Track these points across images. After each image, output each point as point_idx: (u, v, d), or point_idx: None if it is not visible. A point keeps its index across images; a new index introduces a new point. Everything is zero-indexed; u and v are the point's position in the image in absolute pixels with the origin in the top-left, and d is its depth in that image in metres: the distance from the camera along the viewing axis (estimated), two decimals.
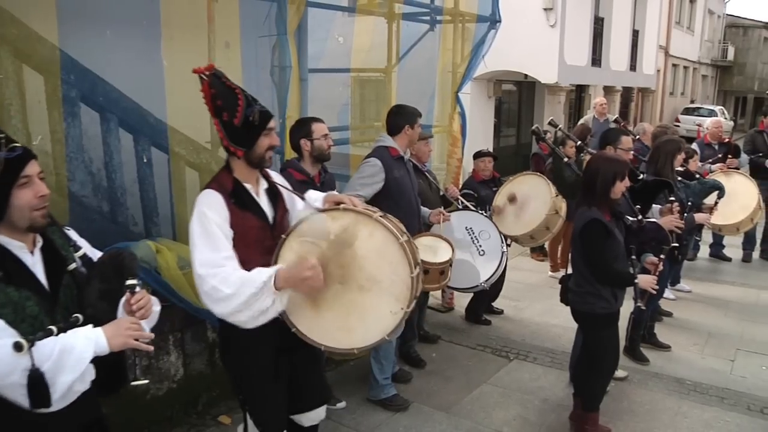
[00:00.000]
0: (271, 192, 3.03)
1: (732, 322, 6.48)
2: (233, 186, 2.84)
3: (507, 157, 16.48)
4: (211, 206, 2.75)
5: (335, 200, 3.00)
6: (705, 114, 28.07)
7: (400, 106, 4.67)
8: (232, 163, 2.89)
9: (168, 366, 4.38)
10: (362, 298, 2.88)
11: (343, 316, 2.91)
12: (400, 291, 2.86)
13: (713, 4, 38.09)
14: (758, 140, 8.53)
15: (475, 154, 6.24)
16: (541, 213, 5.69)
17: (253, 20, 4.99)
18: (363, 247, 2.87)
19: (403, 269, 2.86)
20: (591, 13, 17.46)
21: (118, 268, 2.23)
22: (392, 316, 2.87)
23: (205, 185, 2.91)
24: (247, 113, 2.74)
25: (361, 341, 2.92)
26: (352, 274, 2.87)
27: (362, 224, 2.89)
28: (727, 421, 4.53)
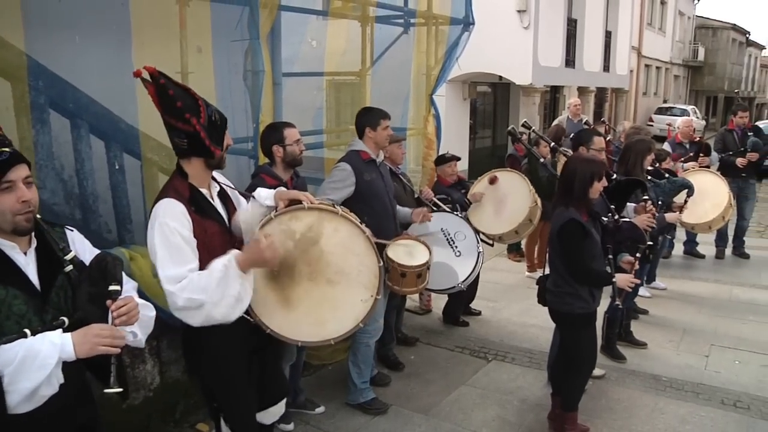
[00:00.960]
0: (222, 194, 3.01)
1: (706, 318, 6.56)
2: (190, 192, 2.79)
3: (483, 158, 16.58)
4: (174, 217, 2.69)
5: (288, 197, 3.00)
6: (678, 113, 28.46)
7: (364, 109, 4.67)
8: (186, 167, 2.83)
9: (144, 374, 4.33)
10: (332, 292, 2.97)
11: (315, 311, 2.98)
12: (368, 280, 2.98)
13: (683, 6, 38.62)
14: (728, 139, 8.65)
15: (439, 159, 6.19)
16: (524, 206, 5.72)
17: (225, 25, 4.95)
18: (329, 243, 2.95)
19: (370, 259, 2.98)
20: (564, 15, 17.61)
21: (103, 272, 2.22)
22: (363, 304, 3.00)
23: (161, 194, 2.82)
24: (208, 113, 2.73)
25: (336, 332, 3.02)
26: (321, 269, 2.95)
27: (327, 220, 2.97)
28: (702, 415, 4.58)
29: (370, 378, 4.77)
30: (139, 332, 2.38)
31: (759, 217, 12.14)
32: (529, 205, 5.70)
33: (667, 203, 5.71)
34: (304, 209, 2.96)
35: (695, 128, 9.84)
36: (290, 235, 2.96)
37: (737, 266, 8.65)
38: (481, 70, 14.72)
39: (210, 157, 2.81)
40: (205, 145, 2.74)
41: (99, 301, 2.20)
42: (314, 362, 5.22)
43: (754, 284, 7.78)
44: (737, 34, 44.50)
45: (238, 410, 3.07)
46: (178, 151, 2.81)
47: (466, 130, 16.81)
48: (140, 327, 2.37)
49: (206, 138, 2.73)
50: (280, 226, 2.97)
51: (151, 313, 2.48)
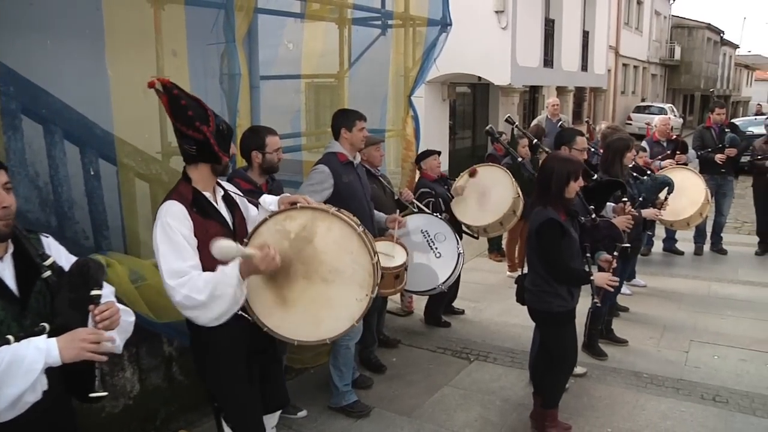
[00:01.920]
0: (227, 199, 3.12)
1: (685, 314, 6.63)
2: (193, 196, 2.90)
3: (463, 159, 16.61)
4: (175, 217, 2.80)
5: (291, 201, 3.10)
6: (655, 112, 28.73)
7: (340, 110, 4.69)
8: (191, 173, 2.95)
9: (123, 382, 4.27)
10: (327, 290, 2.99)
11: (310, 309, 3.01)
12: (362, 278, 2.99)
13: (659, 6, 39.03)
14: (706, 136, 8.75)
15: (421, 155, 6.20)
16: (508, 197, 5.74)
17: (201, 28, 4.92)
18: (323, 242, 2.99)
19: (363, 257, 2.99)
20: (541, 15, 17.72)
21: (85, 277, 2.23)
22: (358, 303, 3.00)
23: (166, 196, 2.94)
24: (217, 122, 2.85)
25: (332, 331, 3.04)
26: (315, 268, 2.99)
27: (320, 220, 3.01)
28: (682, 411, 4.62)
29: (352, 381, 4.75)
30: (118, 338, 2.38)
31: (736, 213, 12.28)
32: (513, 196, 5.73)
33: (650, 200, 5.75)
34: (298, 209, 3.02)
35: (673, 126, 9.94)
36: (285, 235, 3.01)
37: (715, 262, 8.75)
38: (460, 71, 14.77)
39: (217, 163, 2.93)
40: (214, 151, 2.86)
41: (80, 306, 2.21)
42: (296, 366, 5.20)
43: (732, 279, 7.87)
44: (712, 34, 45.03)
45: (238, 410, 3.11)
46: (187, 157, 2.94)
47: (446, 131, 16.86)
48: (119, 332, 2.37)
49: (215, 145, 2.84)
50: (275, 227, 3.03)
51: (130, 318, 2.51)
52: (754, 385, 5.00)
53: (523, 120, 17.61)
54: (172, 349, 4.56)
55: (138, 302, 3.84)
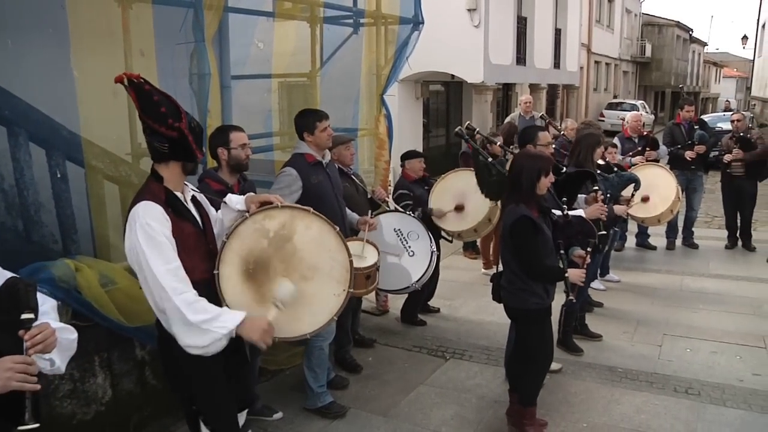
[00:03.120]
0: (194, 199, 3.08)
1: (658, 308, 6.70)
2: (166, 195, 2.85)
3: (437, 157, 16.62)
4: (154, 217, 2.74)
5: (260, 200, 3.12)
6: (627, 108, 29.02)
7: (300, 113, 4.64)
8: (161, 171, 2.89)
9: (95, 388, 4.19)
10: (306, 287, 3.07)
11: (290, 306, 3.04)
12: (340, 274, 3.11)
13: (630, 4, 39.47)
14: (676, 132, 8.86)
15: (406, 154, 6.21)
16: (484, 205, 5.76)
17: (169, 27, 4.85)
18: (302, 240, 3.08)
19: (341, 254, 3.12)
20: (514, 13, 17.80)
21: (14, 299, 2.09)
22: (336, 298, 3.11)
23: (137, 198, 2.85)
24: (189, 120, 2.80)
25: (311, 326, 3.11)
26: (294, 266, 3.06)
27: (299, 218, 3.11)
28: (656, 404, 4.67)
29: (328, 381, 4.72)
30: (58, 359, 2.25)
31: (706, 208, 12.44)
32: (490, 205, 5.73)
33: (615, 197, 5.80)
34: (278, 208, 3.08)
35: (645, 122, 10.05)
36: (264, 234, 3.07)
37: (687, 257, 8.85)
38: (433, 69, 14.79)
39: (190, 161, 2.89)
40: (190, 148, 2.82)
41: (11, 330, 2.07)
42: (271, 367, 5.15)
43: (703, 273, 7.97)
44: (681, 31, 45.69)
45: (220, 411, 3.08)
46: (157, 155, 2.86)
47: (420, 130, 16.87)
48: (59, 352, 2.24)
49: (193, 142, 2.82)
50: (254, 225, 3.07)
51: (72, 336, 2.36)
52: (725, 376, 5.07)
53: (497, 118, 17.67)
54: (145, 353, 4.48)
55: (108, 306, 3.79)
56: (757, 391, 4.82)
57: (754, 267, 8.19)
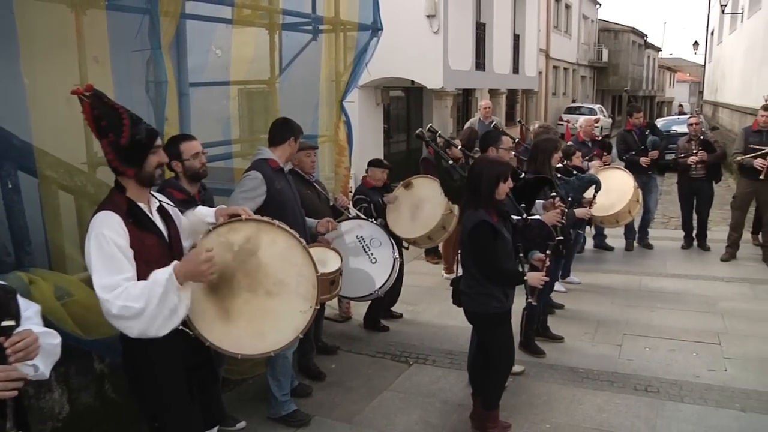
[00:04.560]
0: (161, 210, 3.05)
1: (618, 308, 6.81)
2: (128, 206, 2.83)
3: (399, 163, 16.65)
4: (110, 227, 2.72)
5: (229, 212, 3.09)
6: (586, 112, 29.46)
7: (286, 119, 4.64)
8: (123, 183, 2.88)
9: (51, 404, 4.08)
10: (271, 303, 3.01)
11: (254, 322, 3.00)
12: (306, 290, 3.03)
13: (587, 10, 40.20)
14: (629, 139, 9.04)
15: (372, 161, 6.23)
16: (437, 213, 5.80)
17: (124, 34, 4.78)
18: (267, 254, 3.01)
19: (308, 269, 3.05)
20: (472, 19, 17.95)
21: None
22: (302, 315, 3.03)
23: (98, 207, 2.85)
24: (133, 132, 2.74)
25: (276, 343, 3.05)
26: (259, 280, 3.00)
27: (264, 232, 3.04)
28: (617, 402, 4.74)
29: (291, 389, 4.69)
30: (42, 364, 2.25)
31: (663, 209, 12.72)
32: (442, 213, 5.77)
33: (577, 199, 5.88)
34: (242, 221, 3.02)
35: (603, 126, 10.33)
36: (229, 247, 3.01)
37: (645, 257, 9.02)
38: (393, 75, 14.82)
39: (123, 176, 2.85)
40: (112, 166, 2.80)
41: None
42: (233, 377, 5.09)
43: (661, 273, 8.14)
44: (636, 37, 46.68)
45: (182, 426, 3.03)
46: (113, 167, 2.86)
47: (381, 135, 16.89)
48: (43, 358, 2.24)
49: (113, 160, 2.78)
50: (218, 239, 3.01)
51: (55, 341, 2.37)
52: (682, 373, 5.18)
53: (457, 123, 17.80)
54: (104, 366, 4.39)
55: (65, 319, 3.69)
56: (712, 386, 4.94)
57: (709, 266, 8.38)
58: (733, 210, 8.68)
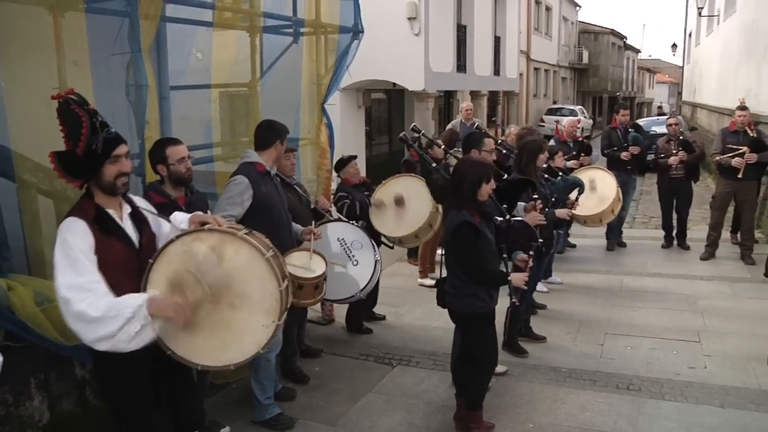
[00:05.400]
0: (135, 216, 3.04)
1: (600, 308, 6.86)
2: (95, 212, 2.84)
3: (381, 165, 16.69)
4: (74, 233, 2.74)
5: (200, 221, 3.06)
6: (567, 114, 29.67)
7: (271, 121, 4.63)
8: (92, 189, 2.89)
9: (30, 412, 4.04)
10: (234, 315, 2.95)
11: (216, 334, 2.95)
12: (270, 305, 2.97)
13: (567, 12, 40.49)
14: (613, 136, 9.15)
15: (338, 164, 6.18)
16: (425, 210, 5.81)
17: (104, 37, 4.74)
18: (230, 266, 2.95)
19: (271, 283, 2.96)
20: (453, 22, 18.00)
21: None
22: (265, 330, 2.98)
23: (67, 213, 2.87)
24: (90, 142, 2.73)
25: (236, 357, 3.00)
26: (222, 292, 2.94)
27: (228, 243, 2.97)
28: (599, 401, 4.78)
29: (275, 393, 4.67)
30: None
31: (644, 209, 12.85)
32: (430, 210, 5.79)
33: (561, 200, 5.92)
34: (206, 231, 2.99)
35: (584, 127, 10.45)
36: (193, 257, 2.97)
37: (626, 256, 9.11)
38: (375, 78, 14.84)
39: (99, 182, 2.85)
40: (59, 176, 2.82)
41: None
42: (217, 381, 5.07)
43: (642, 272, 8.23)
44: (616, 39, 47.10)
45: None
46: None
47: (363, 138, 16.90)
48: None
49: (58, 169, 2.79)
50: (183, 248, 2.98)
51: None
52: (663, 371, 5.24)
53: (438, 125, 17.83)
54: (85, 372, 4.35)
55: (45, 325, 3.67)
56: (692, 383, 5.00)
57: (689, 265, 8.48)
58: (713, 210, 8.78)
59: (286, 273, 3.13)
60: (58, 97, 2.74)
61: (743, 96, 10.03)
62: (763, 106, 11.44)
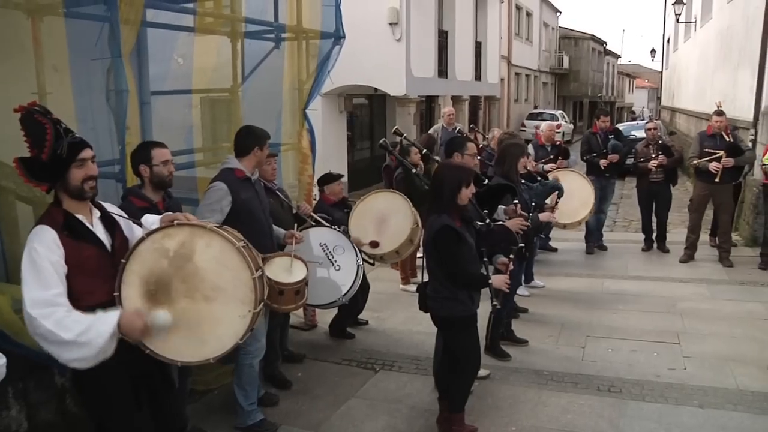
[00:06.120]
0: (106, 220, 3.02)
1: (581, 311, 6.91)
2: (64, 218, 2.82)
3: (362, 170, 16.71)
4: (42, 242, 2.72)
5: (171, 219, 3.07)
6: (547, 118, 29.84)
7: (250, 127, 4.61)
8: (60, 196, 2.87)
9: (8, 422, 3.98)
10: (210, 308, 2.97)
11: (194, 329, 2.96)
12: (244, 294, 3.00)
13: (547, 18, 40.84)
14: (593, 141, 9.23)
15: (323, 179, 6.12)
16: (406, 227, 5.76)
17: (84, 42, 4.72)
18: (203, 259, 2.98)
19: (244, 273, 3.00)
20: (435, 27, 18.08)
21: None
22: (241, 320, 3.00)
23: (37, 221, 2.86)
24: (55, 147, 2.74)
25: (216, 350, 3.01)
26: (196, 286, 2.96)
27: (198, 236, 3.01)
28: (581, 403, 4.81)
29: (258, 399, 4.65)
30: None
31: (624, 213, 12.99)
32: (411, 226, 5.74)
33: (540, 205, 5.95)
34: (175, 226, 3.00)
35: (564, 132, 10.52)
36: (164, 253, 2.98)
37: (606, 260, 9.20)
38: (356, 83, 14.86)
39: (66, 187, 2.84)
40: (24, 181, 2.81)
41: None
42: (200, 387, 5.04)
43: (622, 275, 8.31)
44: (596, 44, 47.58)
45: None
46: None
47: (344, 143, 16.91)
48: None
49: (23, 175, 2.79)
50: (153, 245, 2.98)
51: (0, 361, 2.37)
52: (643, 373, 5.29)
53: (420, 130, 17.89)
54: (65, 380, 4.30)
55: (23, 333, 3.60)
56: (672, 384, 5.06)
57: (669, 267, 8.58)
58: (691, 212, 8.89)
59: (260, 263, 3.15)
60: (21, 109, 2.74)
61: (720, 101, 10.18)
62: (739, 111, 11.62)
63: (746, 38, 12.05)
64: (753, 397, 4.81)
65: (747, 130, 10.68)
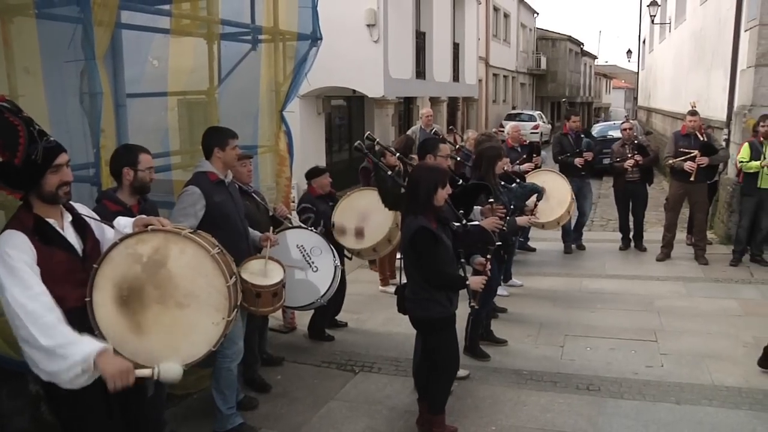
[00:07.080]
0: (77, 224, 2.97)
1: (560, 310, 6.96)
2: (34, 222, 2.75)
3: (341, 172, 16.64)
4: (14, 246, 2.65)
5: (144, 223, 3.02)
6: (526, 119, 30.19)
7: (210, 129, 4.58)
8: (30, 200, 2.80)
9: None
10: (183, 315, 2.94)
11: (167, 335, 2.93)
12: (218, 302, 2.97)
13: (525, 19, 41.06)
14: (565, 142, 9.30)
15: (310, 173, 6.16)
16: (385, 226, 5.78)
17: (56, 44, 4.65)
18: (176, 265, 2.94)
19: (218, 280, 2.98)
20: (412, 28, 18.12)
21: None
22: (215, 327, 2.97)
23: (6, 226, 2.77)
24: (29, 152, 2.65)
25: (189, 357, 2.97)
26: (170, 292, 2.93)
27: (172, 242, 2.97)
28: (560, 402, 4.85)
29: (237, 402, 4.61)
30: None
31: (601, 212, 13.08)
32: (390, 226, 5.76)
33: (519, 207, 5.97)
34: (149, 232, 2.96)
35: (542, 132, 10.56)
36: (137, 259, 2.94)
37: (584, 259, 9.28)
38: (334, 85, 14.84)
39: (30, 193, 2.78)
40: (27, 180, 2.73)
41: None
42: (178, 392, 4.99)
43: (600, 274, 8.39)
44: (573, 45, 47.97)
45: None
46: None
47: (323, 144, 16.87)
48: None
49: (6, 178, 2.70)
50: (126, 250, 2.94)
51: None
52: (621, 371, 5.33)
53: (398, 131, 17.89)
54: (39, 388, 4.22)
55: None
56: (649, 381, 5.11)
57: (646, 266, 8.67)
58: (667, 211, 9.00)
59: (234, 269, 3.12)
60: None
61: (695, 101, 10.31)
62: (712, 111, 11.78)
63: (719, 40, 12.22)
64: (727, 392, 4.88)
65: (720, 129, 10.84)
